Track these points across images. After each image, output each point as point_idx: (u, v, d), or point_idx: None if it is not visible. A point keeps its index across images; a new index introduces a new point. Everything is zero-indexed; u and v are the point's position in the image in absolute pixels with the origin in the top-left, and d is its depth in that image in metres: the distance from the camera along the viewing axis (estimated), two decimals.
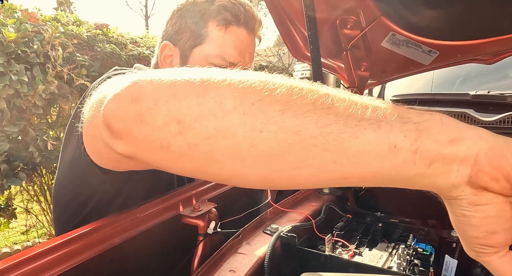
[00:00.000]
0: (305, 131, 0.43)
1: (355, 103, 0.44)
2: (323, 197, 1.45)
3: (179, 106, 0.47)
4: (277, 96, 0.44)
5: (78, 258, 0.73)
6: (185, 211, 0.97)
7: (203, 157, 0.48)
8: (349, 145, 0.42)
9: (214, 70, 0.50)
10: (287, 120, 0.43)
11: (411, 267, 1.01)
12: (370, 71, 1.67)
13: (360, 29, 1.44)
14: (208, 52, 1.16)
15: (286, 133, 0.43)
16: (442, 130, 0.43)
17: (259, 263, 0.93)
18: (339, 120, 0.43)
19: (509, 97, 1.59)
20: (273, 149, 0.44)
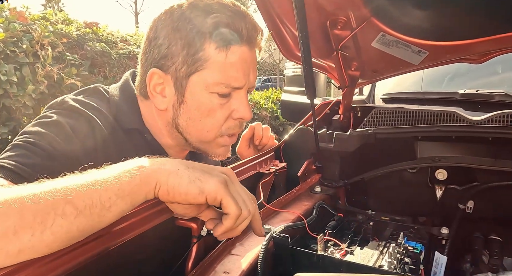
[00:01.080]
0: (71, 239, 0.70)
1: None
2: (315, 196, 1.46)
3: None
4: (39, 227, 0.63)
5: (71, 264, 0.73)
6: (178, 214, 0.97)
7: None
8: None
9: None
10: (56, 237, 0.66)
11: (402, 265, 1.02)
12: (360, 71, 1.68)
13: (351, 30, 1.45)
14: (209, 81, 1.05)
15: (55, 246, 0.67)
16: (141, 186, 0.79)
17: (252, 264, 0.94)
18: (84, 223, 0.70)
19: (497, 96, 1.62)
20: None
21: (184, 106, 1.10)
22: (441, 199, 1.48)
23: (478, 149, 1.41)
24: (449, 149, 1.46)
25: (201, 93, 1.08)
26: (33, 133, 0.99)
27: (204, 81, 1.06)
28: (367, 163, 1.55)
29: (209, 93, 1.08)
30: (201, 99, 1.09)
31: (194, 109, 1.10)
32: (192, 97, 1.08)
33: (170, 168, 0.81)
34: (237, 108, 1.13)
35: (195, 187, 0.80)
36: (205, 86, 1.06)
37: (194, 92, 1.07)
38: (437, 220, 1.49)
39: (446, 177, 1.47)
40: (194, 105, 1.10)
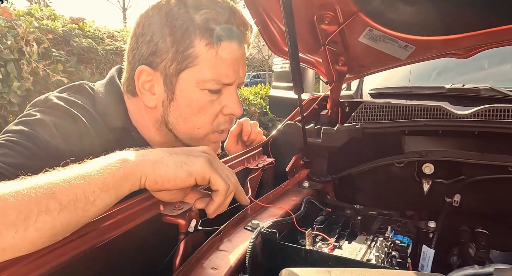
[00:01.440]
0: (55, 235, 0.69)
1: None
2: (303, 191, 1.47)
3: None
4: (22, 225, 0.63)
5: (58, 261, 0.73)
6: (165, 210, 0.96)
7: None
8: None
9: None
10: (41, 234, 0.66)
11: (389, 259, 1.03)
12: (348, 66, 1.68)
13: (338, 25, 1.45)
14: (200, 77, 1.04)
15: (40, 243, 0.68)
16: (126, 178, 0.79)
17: (240, 259, 0.93)
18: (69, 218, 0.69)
19: (483, 91, 1.63)
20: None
21: (174, 103, 1.09)
22: (428, 193, 1.49)
23: (465, 143, 1.43)
24: (436, 143, 1.47)
25: (192, 90, 1.07)
26: (16, 132, 0.98)
27: (195, 78, 1.05)
28: (355, 158, 1.56)
29: (200, 90, 1.07)
30: (192, 96, 1.08)
31: (184, 106, 1.09)
32: (182, 94, 1.07)
33: (154, 158, 0.82)
34: (227, 104, 1.13)
35: (183, 171, 0.82)
36: (195, 83, 1.06)
37: (184, 89, 1.07)
38: (424, 214, 1.50)
39: (433, 171, 1.48)
40: (184, 102, 1.09)
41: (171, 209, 0.97)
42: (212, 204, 0.89)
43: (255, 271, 0.95)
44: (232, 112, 1.14)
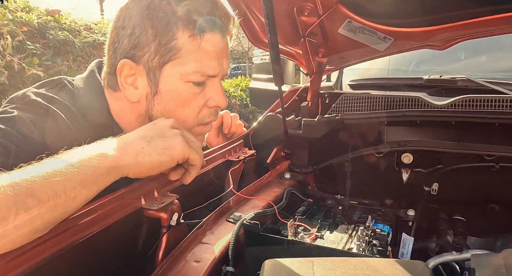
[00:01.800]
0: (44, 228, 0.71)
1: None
2: (285, 182, 1.48)
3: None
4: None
5: (37, 259, 0.71)
6: (147, 204, 0.96)
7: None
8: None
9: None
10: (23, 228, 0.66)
11: (370, 247, 1.05)
12: (327, 58, 1.69)
13: (317, 16, 1.46)
14: (184, 70, 1.03)
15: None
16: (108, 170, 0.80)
17: (223, 252, 0.94)
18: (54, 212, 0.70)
19: (459, 81, 1.66)
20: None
21: (159, 97, 1.07)
22: (407, 182, 1.52)
23: (442, 132, 1.45)
24: (414, 133, 1.49)
25: (176, 83, 1.05)
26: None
27: (179, 71, 1.03)
28: (336, 149, 1.57)
29: (184, 83, 1.05)
30: (176, 89, 1.06)
31: (169, 100, 1.08)
32: (166, 87, 1.05)
33: (135, 149, 0.84)
34: (212, 96, 1.12)
35: (166, 157, 0.88)
36: (179, 76, 1.04)
37: (168, 82, 1.05)
38: (403, 203, 1.53)
39: (411, 161, 1.50)
40: (169, 96, 1.07)
41: (153, 202, 0.97)
42: (189, 176, 0.99)
43: (238, 263, 0.96)
44: (217, 105, 1.14)
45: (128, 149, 0.83)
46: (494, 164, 1.38)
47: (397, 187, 1.54)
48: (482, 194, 1.48)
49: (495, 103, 1.37)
